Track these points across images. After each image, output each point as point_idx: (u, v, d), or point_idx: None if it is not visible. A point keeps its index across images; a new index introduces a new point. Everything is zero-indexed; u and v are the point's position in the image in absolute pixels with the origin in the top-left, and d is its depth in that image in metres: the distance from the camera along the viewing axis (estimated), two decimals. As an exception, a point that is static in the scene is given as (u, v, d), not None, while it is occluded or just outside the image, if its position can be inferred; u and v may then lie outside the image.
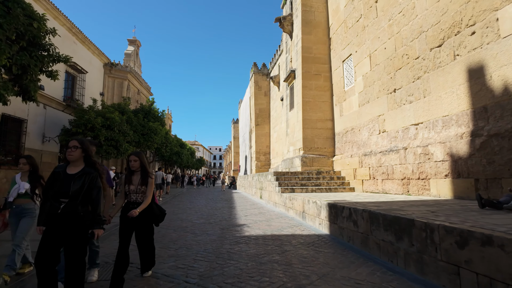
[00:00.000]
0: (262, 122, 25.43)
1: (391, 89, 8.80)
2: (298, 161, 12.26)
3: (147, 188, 3.31)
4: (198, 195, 18.61)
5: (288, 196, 9.12)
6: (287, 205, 9.10)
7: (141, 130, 18.55)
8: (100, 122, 14.45)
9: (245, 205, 11.86)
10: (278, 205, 10.25)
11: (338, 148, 12.22)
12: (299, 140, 12.66)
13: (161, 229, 6.64)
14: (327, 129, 12.65)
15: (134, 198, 3.28)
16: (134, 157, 3.37)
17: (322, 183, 10.79)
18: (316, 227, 6.69)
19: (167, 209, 10.79)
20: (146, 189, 3.31)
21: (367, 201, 6.46)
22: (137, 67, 31.12)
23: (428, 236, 3.38)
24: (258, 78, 25.73)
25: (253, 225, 7.14)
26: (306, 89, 12.64)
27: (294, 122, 13.52)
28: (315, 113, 12.60)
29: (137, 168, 3.35)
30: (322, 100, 12.74)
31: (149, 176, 3.37)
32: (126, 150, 15.54)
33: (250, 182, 18.15)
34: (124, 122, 15.83)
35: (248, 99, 28.68)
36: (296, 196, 8.49)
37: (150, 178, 3.36)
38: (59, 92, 18.38)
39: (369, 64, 9.94)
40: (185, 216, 8.89)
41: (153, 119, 20.57)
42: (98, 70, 24.21)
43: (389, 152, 8.55)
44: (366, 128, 10.08)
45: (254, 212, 9.69)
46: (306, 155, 12.21)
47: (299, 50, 12.98)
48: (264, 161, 25.01)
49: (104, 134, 14.36)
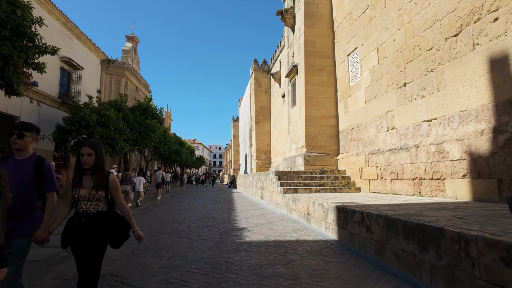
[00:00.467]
0: (262, 120, 24.89)
1: (401, 83, 8.26)
2: (301, 160, 11.73)
3: (104, 193, 2.32)
4: (197, 195, 18.11)
5: (291, 197, 8.60)
6: (290, 206, 8.58)
7: (138, 128, 18.04)
8: (95, 119, 13.92)
9: (245, 206, 11.34)
10: (280, 206, 9.74)
11: (342, 146, 11.69)
12: (302, 138, 12.14)
13: (154, 234, 6.13)
14: (331, 127, 12.12)
15: (84, 208, 2.27)
16: (88, 149, 2.30)
17: (326, 183, 10.27)
18: (322, 232, 6.17)
19: (164, 210, 10.29)
20: (103, 195, 2.32)
21: (378, 203, 5.93)
22: (135, 64, 30.56)
23: (462, 249, 2.86)
24: (258, 75, 25.17)
25: (254, 228, 6.62)
26: (309, 84, 12.10)
27: (297, 119, 12.99)
28: (318, 110, 12.07)
29: (91, 166, 2.31)
30: (326, 96, 12.20)
31: (107, 177, 2.36)
32: (122, 148, 15.03)
33: (250, 182, 17.64)
34: (120, 120, 15.30)
35: (248, 96, 28.14)
36: (299, 197, 7.97)
37: (112, 181, 2.37)
38: (54, 88, 17.85)
39: (377, 57, 9.40)
40: (182, 218, 8.37)
41: (150, 116, 20.05)
42: (94, 67, 23.66)
43: (399, 150, 8.02)
44: (373, 125, 9.55)
45: (255, 213, 9.18)
46: (309, 154, 11.69)
47: (302, 44, 12.43)
48: (265, 160, 24.50)
49: (99, 131, 13.83)
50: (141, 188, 11.31)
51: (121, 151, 15.02)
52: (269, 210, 9.83)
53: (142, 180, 11.44)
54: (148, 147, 20.08)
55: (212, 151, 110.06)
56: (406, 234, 3.65)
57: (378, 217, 4.26)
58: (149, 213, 9.58)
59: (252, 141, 26.49)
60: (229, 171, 58.39)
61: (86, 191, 2.29)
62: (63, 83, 19.28)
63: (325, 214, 6.09)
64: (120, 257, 4.48)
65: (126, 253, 4.70)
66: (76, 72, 20.16)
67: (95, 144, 2.37)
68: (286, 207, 9.03)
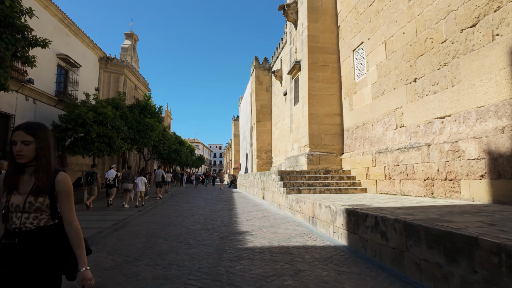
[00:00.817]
0: (263, 119, 24.48)
1: (411, 79, 7.85)
2: (304, 159, 11.33)
3: (49, 200, 1.56)
4: (197, 195, 17.72)
5: (294, 198, 8.20)
6: (294, 208, 8.18)
7: (137, 127, 17.63)
8: (92, 117, 13.52)
9: (247, 207, 10.94)
10: (283, 208, 9.33)
11: (347, 145, 11.28)
12: (305, 137, 11.73)
13: (151, 238, 5.74)
14: (335, 125, 11.70)
15: (17, 223, 1.52)
16: (24, 134, 1.52)
17: (331, 183, 9.86)
18: (330, 236, 5.77)
19: (162, 211, 9.91)
20: (47, 203, 1.56)
21: (391, 205, 5.53)
22: (134, 62, 30.15)
23: (503, 263, 2.46)
24: (259, 73, 24.75)
25: (257, 232, 6.22)
26: (312, 81, 11.69)
27: (299, 117, 12.58)
28: (322, 107, 11.65)
29: (28, 160, 1.55)
30: (330, 93, 11.79)
31: (53, 177, 1.58)
32: (119, 147, 14.64)
33: (251, 181, 17.24)
34: (118, 118, 14.90)
35: (249, 95, 27.72)
36: (304, 198, 7.56)
37: (61, 182, 1.59)
38: (51, 86, 17.46)
39: (384, 52, 8.98)
40: (180, 220, 7.97)
41: (149, 115, 19.64)
42: (93, 64, 23.26)
43: (408, 149, 7.61)
44: (381, 122, 9.14)
45: (257, 215, 8.78)
46: (312, 153, 11.28)
47: (305, 39, 12.01)
48: (266, 159, 24.10)
49: (96, 130, 13.43)
50: (142, 188, 11.05)
51: (118, 150, 14.62)
52: (272, 212, 9.43)
53: (143, 180, 11.19)
54: (147, 146, 19.68)
55: (213, 150, 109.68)
56: (430, 243, 3.24)
57: (395, 222, 3.85)
58: (147, 214, 9.19)
59: (252, 140, 26.09)
60: (229, 170, 58.02)
61: (20, 198, 1.52)
62: (60, 80, 18.88)
63: (333, 217, 5.69)
64: (112, 265, 4.08)
65: (118, 260, 4.31)
66: (74, 69, 19.76)
67: (35, 127, 1.56)
68: (289, 208, 8.63)
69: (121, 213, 9.13)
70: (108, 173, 11.23)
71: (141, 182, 11.01)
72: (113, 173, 11.21)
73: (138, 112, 18.96)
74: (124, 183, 10.93)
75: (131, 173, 11.31)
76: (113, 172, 11.27)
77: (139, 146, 19.60)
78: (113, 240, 5.57)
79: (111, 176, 11.13)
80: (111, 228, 6.72)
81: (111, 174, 11.15)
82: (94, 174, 10.32)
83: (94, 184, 10.24)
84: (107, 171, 11.56)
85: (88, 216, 8.69)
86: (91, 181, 10.19)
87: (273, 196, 10.83)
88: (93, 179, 10.21)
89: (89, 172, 10.44)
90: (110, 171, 11.32)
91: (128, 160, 26.95)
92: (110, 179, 11.07)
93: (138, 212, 9.69)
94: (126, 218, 8.24)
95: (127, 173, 11.12)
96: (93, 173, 10.33)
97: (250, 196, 16.25)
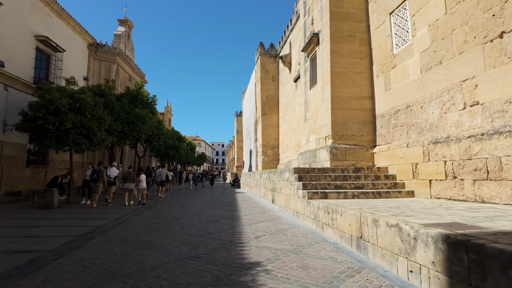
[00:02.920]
0: (269, 111, 22.08)
1: (493, 34, 5.43)
2: (325, 154, 8.95)
3: None
4: (194, 197, 15.39)
5: (322, 206, 5.83)
6: (322, 219, 5.82)
7: (126, 118, 15.29)
8: (67, 104, 11.21)
9: (254, 214, 8.60)
10: (302, 217, 6.98)
11: (381, 136, 8.88)
12: (326, 126, 9.34)
13: (99, 278, 3.40)
14: (365, 110, 9.30)
15: None
16: None
17: (366, 184, 7.48)
18: (402, 278, 3.40)
19: (145, 219, 7.45)
20: None
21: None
22: (129, 51, 27.88)
23: None
24: (265, 60, 22.32)
25: (274, 265, 3.86)
26: (335, 55, 9.29)
27: (317, 103, 10.20)
28: (348, 88, 9.26)
29: None
30: (358, 70, 9.38)
31: None
32: (102, 140, 12.29)
33: (257, 181, 14.89)
34: (101, 106, 12.57)
35: (253, 86, 25.33)
36: (338, 207, 5.19)
37: None
38: (27, 71, 15.22)
39: (443, 5, 6.55)
40: (163, 236, 5.64)
41: (141, 105, 17.30)
42: (81, 51, 21.00)
43: (491, 135, 5.21)
44: (436, 102, 6.73)
45: (269, 227, 6.42)
46: (336, 145, 8.90)
47: (326, 3, 9.59)
48: (272, 156, 21.73)
49: (71, 119, 11.12)
50: (144, 185, 11.16)
51: (100, 143, 12.30)
52: (287, 222, 7.08)
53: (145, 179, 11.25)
54: (139, 140, 17.37)
55: (215, 148, 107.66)
56: None
57: None
58: (122, 224, 6.88)
59: (257, 135, 23.71)
60: (231, 168, 55.77)
61: None
62: (39, 66, 16.65)
63: (408, 245, 3.32)
64: None
65: None
66: (56, 54, 17.49)
67: None
68: (313, 219, 6.27)
69: (91, 223, 6.82)
70: (110, 171, 11.06)
71: (143, 180, 11.07)
72: (115, 171, 11.10)
73: (128, 101, 16.64)
74: (126, 183, 10.74)
75: (132, 172, 11.05)
76: (115, 170, 11.17)
77: (130, 140, 17.31)
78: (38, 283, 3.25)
79: (113, 173, 11.01)
80: (52, 255, 4.38)
81: (113, 172, 11.03)
82: (100, 172, 10.33)
83: (100, 182, 10.24)
84: (109, 169, 11.38)
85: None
86: (97, 179, 10.21)
87: (287, 201, 8.48)
88: (99, 177, 10.22)
89: (95, 169, 10.48)
90: (112, 168, 11.20)
91: (122, 157, 24.74)
92: (111, 177, 10.97)
93: (115, 220, 7.40)
94: (95, 230, 5.94)
95: (128, 172, 10.93)
96: (99, 171, 10.34)
97: (256, 198, 13.91)
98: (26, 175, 14.87)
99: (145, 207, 10.28)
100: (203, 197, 14.74)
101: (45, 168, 16.60)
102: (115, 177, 11.17)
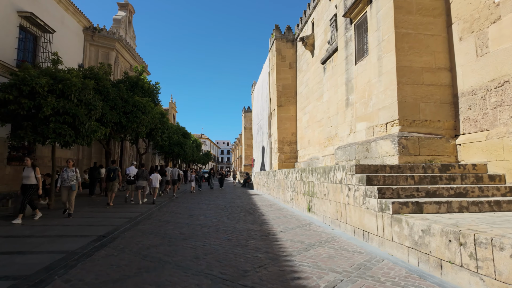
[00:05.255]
0: (286, 103, 19.58)
1: None
2: (390, 146, 6.46)
3: None
4: (204, 200, 12.99)
5: (441, 230, 3.34)
6: (439, 253, 3.33)
7: (123, 107, 12.95)
8: (46, 85, 8.87)
9: (292, 230, 6.12)
10: (378, 239, 4.50)
11: (469, 121, 6.35)
12: (389, 108, 6.85)
13: None
14: (441, 87, 6.78)
15: None
16: None
17: (469, 189, 4.96)
18: None
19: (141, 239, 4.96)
20: None
21: None
22: (130, 38, 25.56)
23: None
24: (281, 45, 19.81)
25: None
26: (401, 11, 6.77)
27: (371, 79, 7.71)
28: (419, 57, 6.75)
29: None
30: (431, 32, 6.86)
31: None
32: (92, 131, 9.94)
33: (280, 182, 12.44)
34: (90, 89, 10.20)
35: (266, 76, 22.84)
36: (497, 239, 2.70)
37: None
38: (9, 53, 12.95)
39: None
40: (164, 284, 3.20)
41: (141, 93, 14.95)
42: (75, 35, 18.66)
43: None
44: None
45: (335, 260, 3.96)
46: (406, 134, 6.40)
47: None
48: (289, 153, 19.24)
49: (51, 103, 8.79)
50: (157, 184, 11.31)
51: (90, 135, 9.95)
52: (353, 247, 4.61)
53: (158, 177, 11.39)
54: (139, 134, 15.02)
55: (220, 146, 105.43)
56: None
57: None
58: (105, 249, 4.48)
59: (272, 130, 21.24)
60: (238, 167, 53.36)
61: None
62: (23, 47, 14.37)
63: None
64: None
65: None
66: (45, 35, 15.19)
67: None
68: (411, 249, 3.79)
69: (60, 247, 4.45)
70: (129, 169, 11.09)
71: (156, 179, 11.22)
72: (134, 170, 11.09)
73: (126, 88, 14.28)
74: (139, 180, 10.91)
75: (145, 170, 11.24)
76: (133, 168, 11.17)
77: (129, 134, 14.97)
78: None
79: (132, 172, 10.98)
80: None
81: (132, 171, 11.02)
82: (116, 170, 10.37)
83: (116, 180, 10.27)
84: (128, 167, 11.49)
85: None
86: (113, 177, 10.22)
87: (340, 211, 6.00)
88: (115, 175, 10.25)
89: (111, 168, 10.52)
90: (131, 167, 11.22)
91: (122, 155, 22.46)
92: (131, 176, 10.95)
93: (96, 241, 5.02)
94: (59, 262, 3.58)
95: (141, 171, 11.08)
96: (115, 170, 10.38)
97: (279, 203, 11.45)
98: (7, 174, 12.60)
99: (145, 214, 7.88)
100: (215, 201, 12.31)
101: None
102: (135, 175, 11.01)
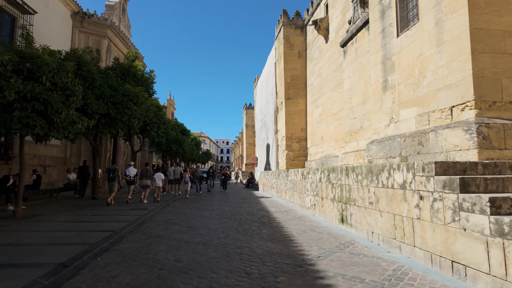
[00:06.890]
0: (295, 95, 17.80)
1: None
2: (463, 137, 4.71)
3: None
4: (205, 205, 11.18)
5: None
6: None
7: (112, 97, 11.14)
8: (8, 63, 7.06)
9: (334, 254, 4.35)
10: (499, 285, 2.75)
11: None
12: (457, 85, 5.08)
13: None
14: (529, 57, 5.01)
15: None
16: None
17: None
18: None
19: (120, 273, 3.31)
20: None
21: None
22: (125, 27, 23.71)
23: None
24: (289, 32, 18.03)
25: None
26: (475, -45, 4.99)
27: (424, 51, 5.94)
28: (499, 16, 4.99)
29: None
30: (514, -16, 5.09)
31: None
32: (71, 121, 8.14)
33: (293, 183, 10.66)
34: (68, 71, 8.37)
35: (271, 67, 21.05)
36: None
37: None
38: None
39: None
40: None
41: (134, 81, 13.14)
42: (62, 19, 16.79)
43: None
44: None
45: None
46: (487, 121, 4.64)
47: None
48: (299, 151, 17.47)
49: (16, 86, 6.99)
50: (160, 183, 11.47)
51: (67, 128, 8.13)
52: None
53: (161, 176, 11.56)
54: (132, 129, 13.20)
55: (219, 145, 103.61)
56: None
57: None
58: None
59: (278, 126, 19.46)
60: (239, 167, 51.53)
61: None
62: (0, 29, 12.58)
63: None
64: None
65: None
66: (25, 16, 13.39)
67: None
68: None
69: None
70: (129, 170, 11.11)
71: (159, 178, 11.39)
72: (133, 170, 11.19)
73: (117, 76, 12.47)
74: (143, 179, 11.16)
75: (149, 169, 11.43)
76: (133, 169, 11.22)
77: (120, 128, 13.14)
78: None
79: (132, 173, 11.03)
80: None
81: (132, 171, 11.09)
82: (115, 170, 10.52)
83: (116, 180, 10.45)
84: (127, 168, 11.44)
85: None
86: (113, 177, 10.35)
87: (402, 228, 4.24)
88: (115, 175, 10.37)
89: (110, 168, 10.63)
90: (131, 168, 11.21)
91: (115, 153, 20.63)
92: (130, 176, 11.01)
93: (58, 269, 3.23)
94: None
95: (145, 170, 11.30)
96: (114, 170, 10.51)
97: (295, 209, 9.67)
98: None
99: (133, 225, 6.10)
100: (218, 206, 10.51)
101: (9, 165, 12.51)
102: (134, 175, 11.13)
